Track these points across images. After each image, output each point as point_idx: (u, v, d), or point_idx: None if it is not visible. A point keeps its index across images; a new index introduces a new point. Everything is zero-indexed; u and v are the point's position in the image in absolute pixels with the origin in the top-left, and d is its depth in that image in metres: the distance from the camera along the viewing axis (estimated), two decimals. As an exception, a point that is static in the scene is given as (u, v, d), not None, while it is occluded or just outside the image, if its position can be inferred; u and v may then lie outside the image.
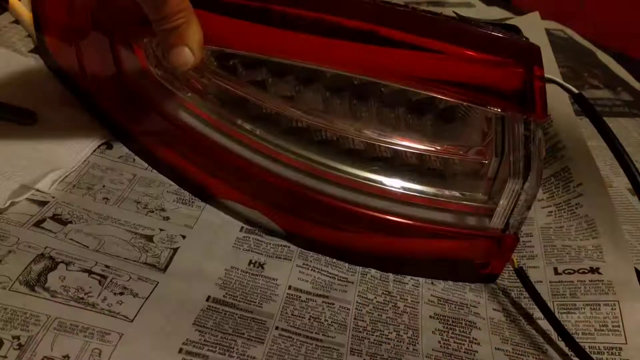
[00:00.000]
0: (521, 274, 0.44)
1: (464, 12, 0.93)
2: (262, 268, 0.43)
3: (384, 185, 0.44)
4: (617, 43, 0.92)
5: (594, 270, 0.46)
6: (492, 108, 0.39)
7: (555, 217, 0.52)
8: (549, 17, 0.96)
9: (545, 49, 0.57)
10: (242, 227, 0.46)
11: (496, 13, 0.93)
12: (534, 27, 0.57)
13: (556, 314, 0.43)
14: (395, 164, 0.45)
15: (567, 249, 0.49)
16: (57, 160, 0.48)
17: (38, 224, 0.42)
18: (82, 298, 0.37)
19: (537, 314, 0.43)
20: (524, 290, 0.44)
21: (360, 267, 0.45)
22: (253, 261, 0.44)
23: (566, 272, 0.47)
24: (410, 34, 0.38)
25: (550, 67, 0.55)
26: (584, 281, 0.46)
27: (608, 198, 0.49)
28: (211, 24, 0.40)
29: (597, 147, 0.55)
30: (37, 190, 0.45)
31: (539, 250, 0.49)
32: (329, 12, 0.39)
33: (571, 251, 0.48)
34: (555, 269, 0.47)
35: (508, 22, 0.83)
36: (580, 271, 0.47)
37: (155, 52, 0.48)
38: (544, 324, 0.43)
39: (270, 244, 0.46)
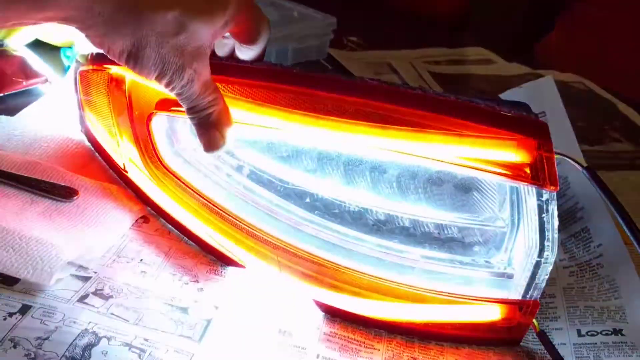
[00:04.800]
0: (544, 337, 0.45)
1: (485, 69, 0.97)
2: (291, 336, 0.45)
3: (406, 254, 0.46)
4: (638, 93, 0.93)
5: (617, 332, 0.47)
6: (506, 180, 0.41)
7: (578, 278, 0.53)
8: (569, 69, 0.98)
9: (559, 113, 0.59)
10: (272, 296, 0.49)
11: (517, 69, 0.96)
12: (549, 91, 0.59)
13: (581, 377, 0.44)
14: (416, 233, 0.47)
15: (590, 309, 0.49)
16: (98, 236, 0.51)
17: (82, 299, 0.45)
18: (123, 373, 0.40)
19: (562, 377, 0.44)
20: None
21: (386, 333, 0.47)
22: (282, 330, 0.46)
23: (589, 333, 0.47)
24: (426, 112, 0.41)
25: (565, 131, 0.57)
26: (607, 343, 0.46)
27: (628, 258, 0.50)
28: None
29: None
30: (80, 266, 0.48)
31: (562, 311, 0.50)
32: (352, 94, 0.42)
33: (594, 312, 0.49)
34: (579, 331, 0.48)
35: (527, 78, 0.86)
36: (604, 333, 0.47)
37: (188, 133, 0.52)
38: (569, 388, 0.44)
39: (297, 311, 0.48)
